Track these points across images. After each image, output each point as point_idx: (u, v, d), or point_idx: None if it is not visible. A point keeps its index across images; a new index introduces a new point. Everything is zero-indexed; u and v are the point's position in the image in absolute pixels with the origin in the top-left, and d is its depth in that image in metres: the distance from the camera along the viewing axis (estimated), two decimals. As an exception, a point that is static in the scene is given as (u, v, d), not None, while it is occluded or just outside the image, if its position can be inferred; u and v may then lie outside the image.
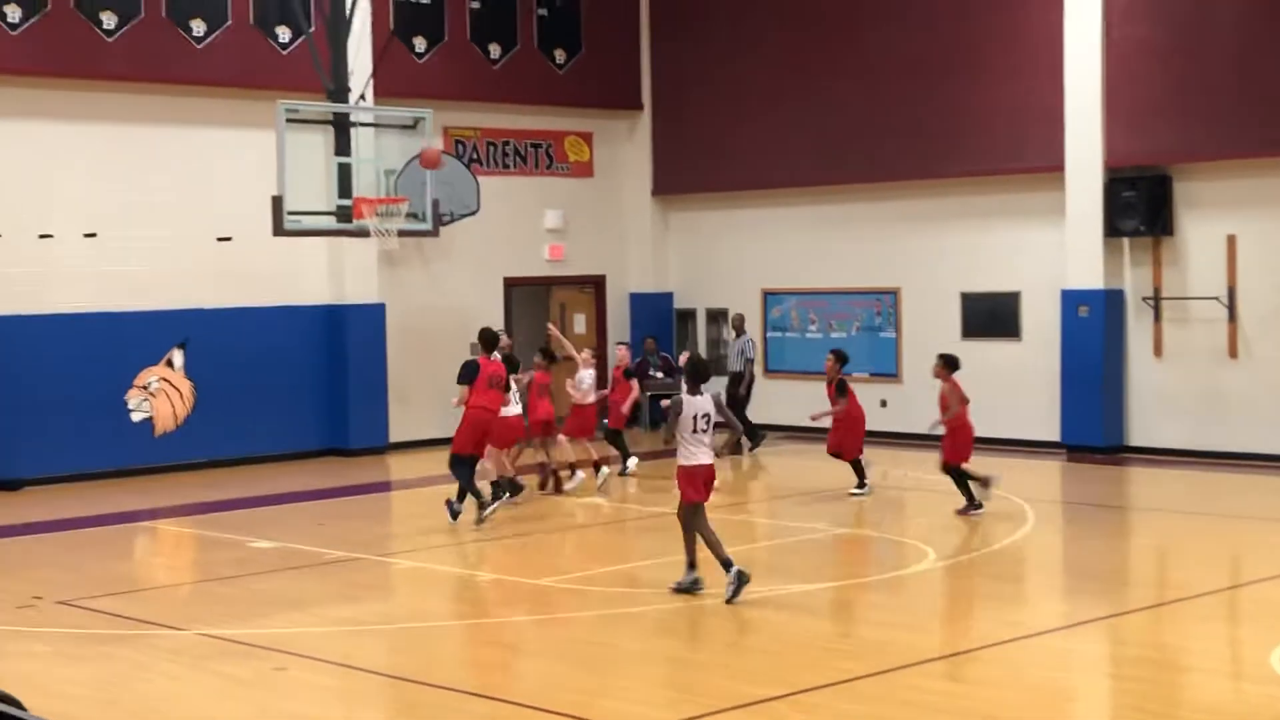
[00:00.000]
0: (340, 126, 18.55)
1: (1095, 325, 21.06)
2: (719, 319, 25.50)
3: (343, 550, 15.17)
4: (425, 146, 18.28)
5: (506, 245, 24.56)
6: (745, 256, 25.18)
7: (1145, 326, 21.06)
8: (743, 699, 9.82)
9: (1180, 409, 20.80)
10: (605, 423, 20.05)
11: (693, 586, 12.72)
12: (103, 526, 17.18)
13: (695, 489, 12.79)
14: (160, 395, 21.01)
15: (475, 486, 16.39)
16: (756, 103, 24.62)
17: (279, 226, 17.67)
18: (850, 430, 18.45)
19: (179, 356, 21.18)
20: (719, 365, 24.70)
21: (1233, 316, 20.33)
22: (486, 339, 16.83)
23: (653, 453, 21.55)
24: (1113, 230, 20.85)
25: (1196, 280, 20.66)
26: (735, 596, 12.38)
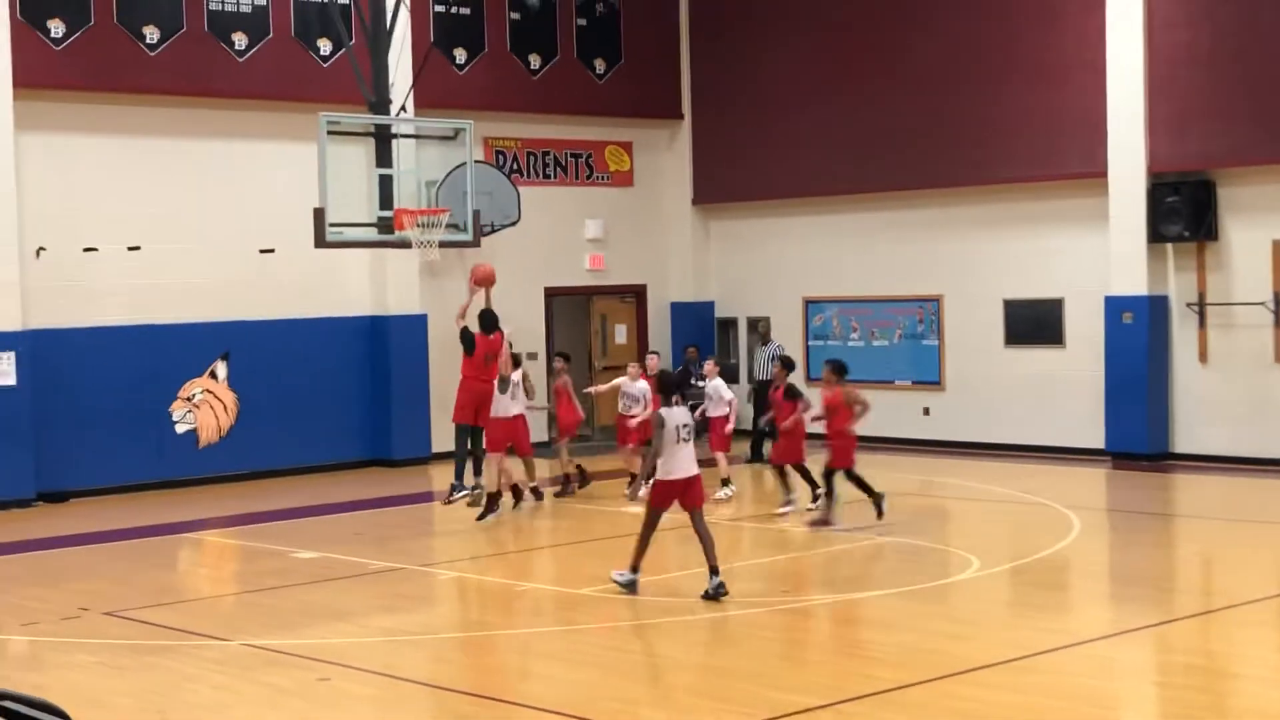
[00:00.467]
0: (381, 138, 18.59)
1: (1139, 332, 20.93)
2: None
3: (385, 560, 15.20)
4: (476, 265, 18.52)
5: (547, 255, 24.60)
6: (786, 264, 25.13)
7: (1190, 332, 20.91)
8: (785, 708, 9.78)
9: (1226, 415, 20.64)
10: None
11: (631, 586, 13.24)
12: (147, 538, 17.28)
13: (666, 498, 13.21)
14: (204, 407, 21.12)
15: (463, 464, 17.10)
16: (796, 110, 24.59)
17: (321, 238, 17.71)
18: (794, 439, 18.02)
19: (222, 368, 21.29)
20: (735, 373, 24.71)
21: (1278, 321, 20.16)
22: (486, 320, 17.39)
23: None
24: (1156, 236, 20.72)
25: (1241, 285, 20.50)
26: (619, 580, 13.20)
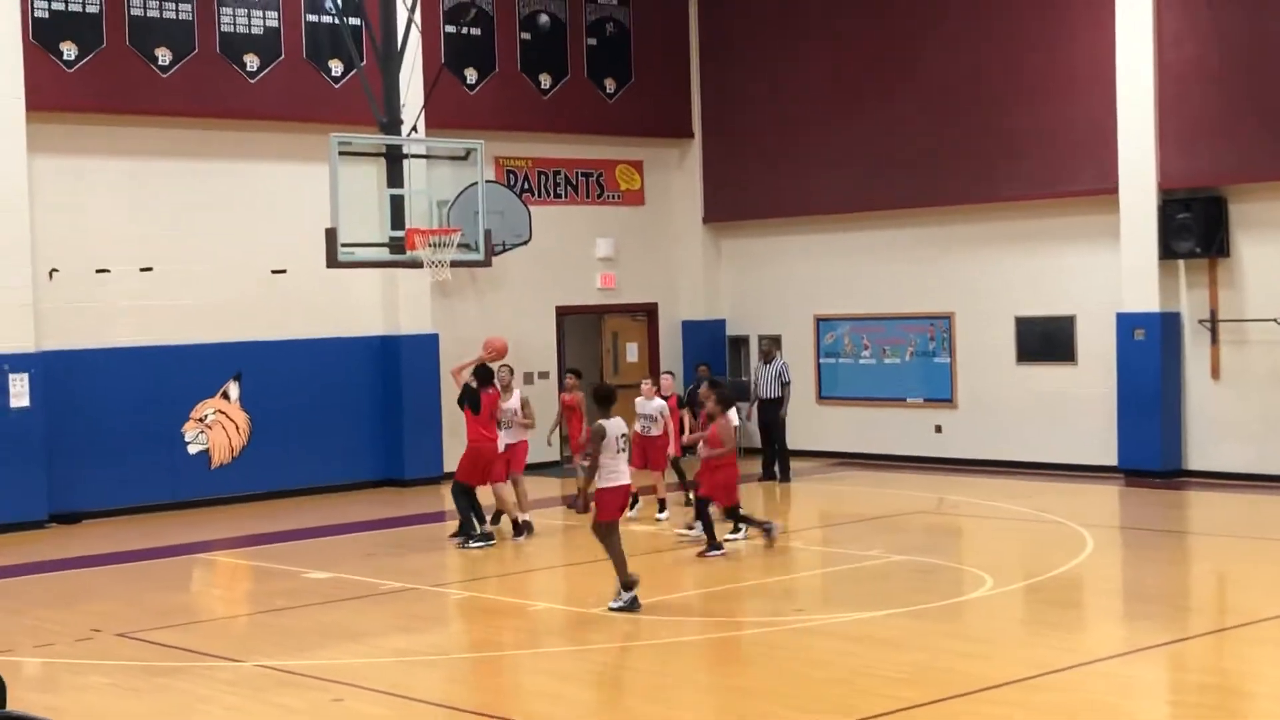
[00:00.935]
0: (393, 158, 18.62)
1: (1151, 348, 20.89)
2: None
3: (397, 581, 15.19)
4: (490, 340, 18.48)
5: (558, 274, 24.62)
6: (797, 282, 25.13)
7: (1202, 349, 20.88)
8: (800, 728, 9.76)
9: (1239, 432, 20.60)
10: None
11: (632, 604, 13.26)
12: (160, 559, 17.28)
13: (615, 508, 13.54)
14: (216, 427, 21.14)
15: (471, 516, 17.07)
16: (807, 128, 24.61)
17: (333, 258, 17.74)
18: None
19: (234, 388, 21.32)
20: (746, 392, 24.63)
21: (1291, 338, 20.15)
22: (485, 375, 17.33)
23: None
24: (1168, 252, 20.69)
25: (1254, 302, 20.47)
26: (616, 608, 13.17)
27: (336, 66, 22.02)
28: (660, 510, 18.56)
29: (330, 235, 17.61)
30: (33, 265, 19.53)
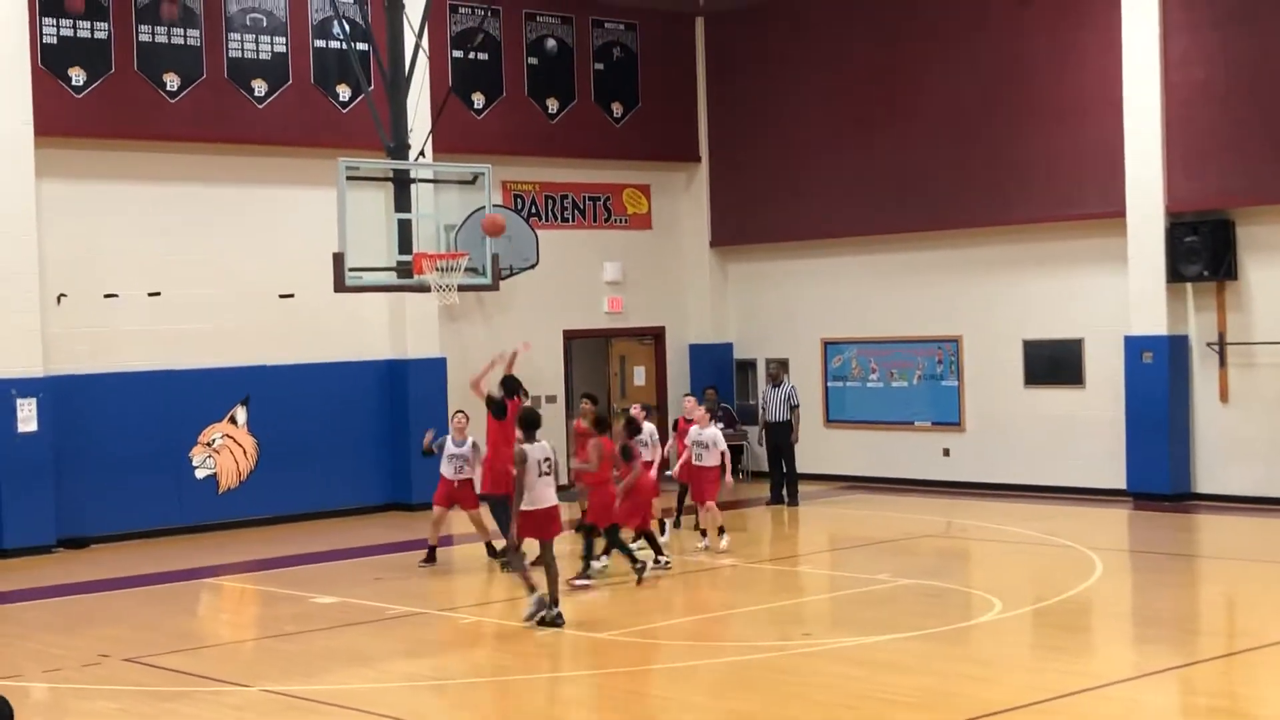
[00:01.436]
0: (400, 183, 18.65)
1: (1160, 371, 20.87)
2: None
3: (405, 605, 15.17)
4: (488, 213, 18.29)
5: (566, 298, 24.63)
6: (805, 306, 25.13)
7: (1210, 372, 20.85)
8: (809, 753, 9.73)
9: (1248, 455, 20.55)
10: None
11: (556, 620, 13.66)
12: (168, 583, 17.27)
13: (537, 530, 13.88)
14: (224, 452, 21.15)
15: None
16: (813, 152, 24.64)
17: (340, 283, 17.75)
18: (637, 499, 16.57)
19: (242, 413, 21.33)
20: (753, 415, 24.63)
21: (1300, 360, 20.13)
22: (512, 385, 17.55)
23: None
24: (1176, 275, 20.68)
25: (1262, 324, 20.45)
26: (530, 619, 13.64)
27: (344, 91, 22.08)
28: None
29: (338, 260, 17.63)
30: (41, 290, 19.57)
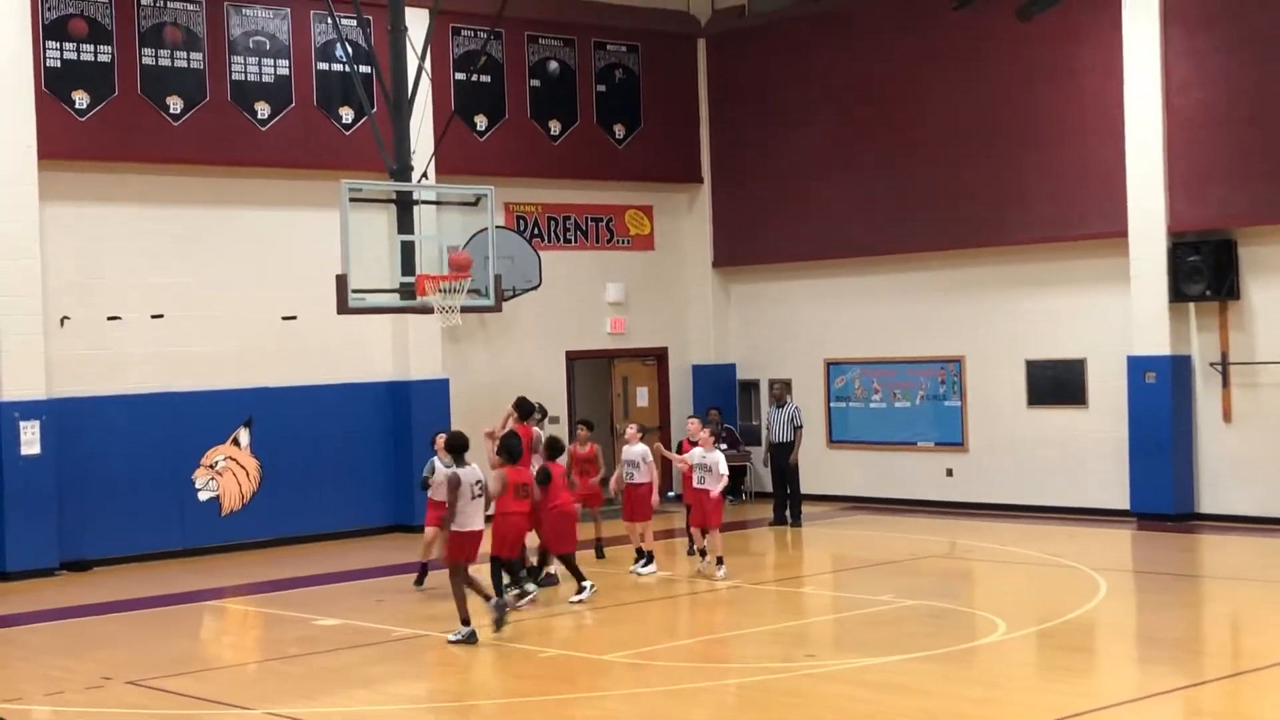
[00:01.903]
0: (403, 204, 18.70)
1: (1163, 391, 20.86)
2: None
3: (408, 627, 15.15)
4: (456, 253, 18.16)
5: (568, 319, 24.65)
6: (807, 326, 25.13)
7: (1214, 392, 20.84)
8: (813, 775, 9.70)
9: (1252, 475, 20.53)
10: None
11: (470, 638, 14.10)
12: (170, 606, 17.26)
13: (465, 553, 14.30)
14: (227, 474, 21.15)
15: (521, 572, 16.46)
16: (816, 173, 24.66)
17: (343, 304, 17.79)
18: (559, 524, 16.29)
19: (245, 435, 21.33)
20: (756, 436, 24.62)
21: (1303, 380, 20.12)
22: (524, 408, 17.31)
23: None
24: (1178, 295, 20.68)
25: (1264, 344, 20.44)
26: (454, 640, 14.07)
27: (347, 114, 22.12)
28: (646, 562, 17.90)
29: (341, 281, 17.67)
30: (44, 313, 19.59)
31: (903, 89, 23.66)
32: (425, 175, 19.95)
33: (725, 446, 24.82)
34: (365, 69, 21.34)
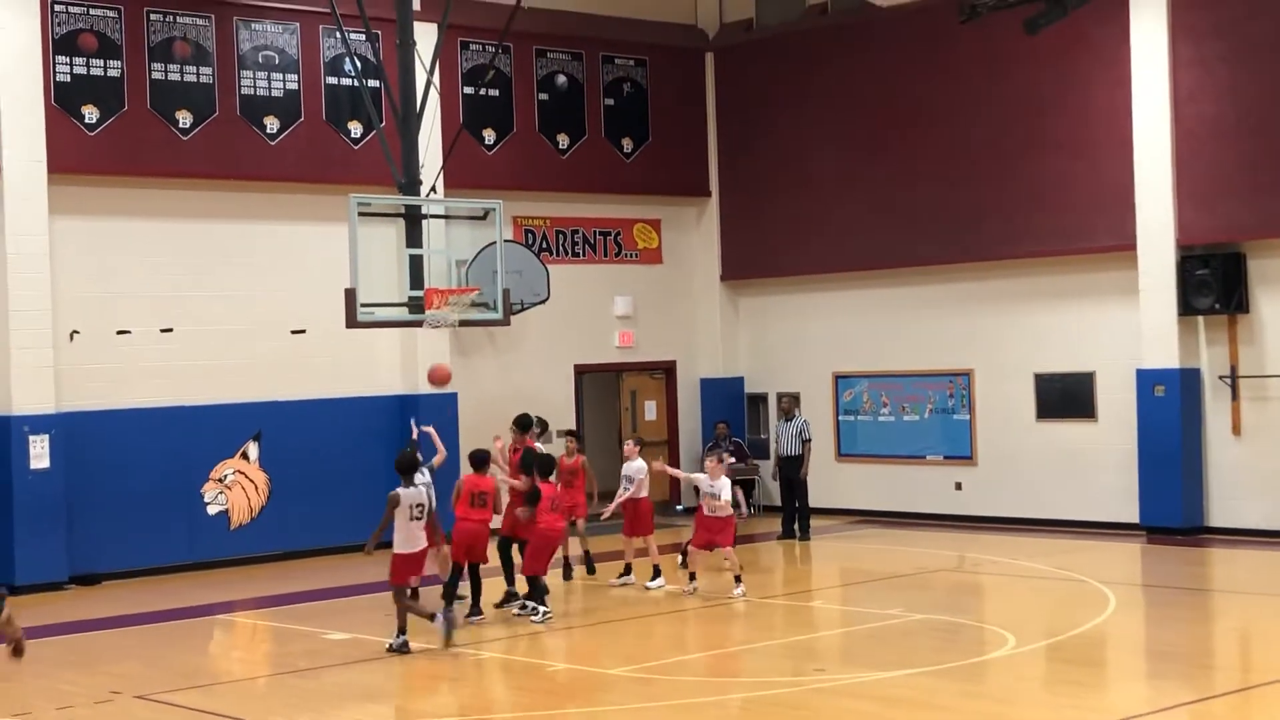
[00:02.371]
0: (412, 219, 18.73)
1: (1172, 405, 20.82)
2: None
3: (417, 641, 15.13)
4: (434, 366, 18.07)
5: (577, 333, 24.66)
6: (815, 339, 25.13)
7: (1223, 405, 20.81)
8: (822, 790, 9.69)
9: (1261, 488, 20.50)
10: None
11: (403, 647, 14.43)
12: (180, 620, 17.27)
13: (404, 574, 14.73)
14: (235, 488, 21.16)
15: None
16: (824, 186, 24.67)
17: (352, 318, 17.81)
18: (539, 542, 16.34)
19: (254, 449, 21.35)
20: (765, 450, 24.58)
21: (1312, 393, 20.09)
22: (527, 424, 17.44)
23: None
24: (1187, 308, 20.66)
25: (1274, 357, 20.41)
26: (449, 638, 14.57)
27: (356, 128, 22.16)
28: (653, 576, 17.86)
29: (350, 295, 17.69)
30: (53, 326, 19.62)
31: (910, 101, 23.67)
32: (434, 189, 19.97)
33: (733, 460, 24.92)
34: (374, 83, 21.37)
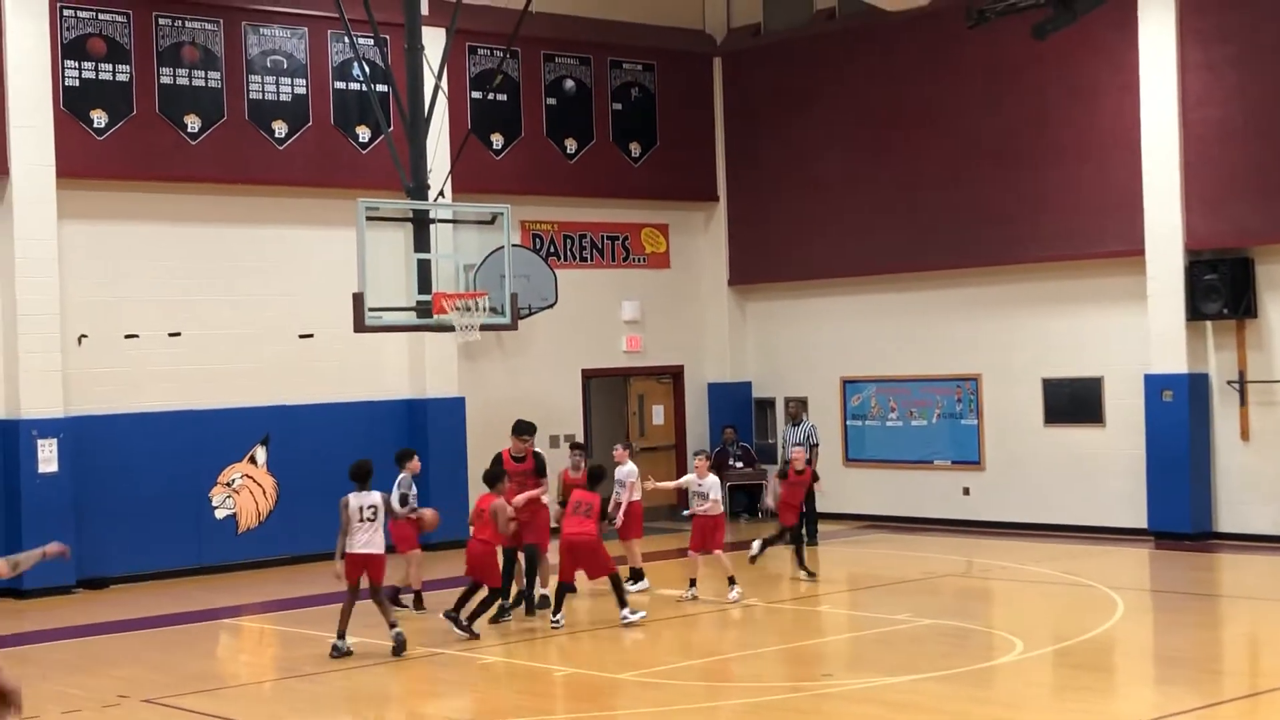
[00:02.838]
0: (419, 223, 18.75)
1: (1180, 410, 20.79)
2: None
3: (424, 645, 15.14)
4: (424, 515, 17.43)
5: (584, 337, 24.66)
6: (823, 344, 25.12)
7: (1231, 410, 20.78)
8: (829, 795, 9.68)
9: (1270, 493, 20.46)
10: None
11: (345, 652, 14.54)
12: (187, 624, 17.27)
13: (355, 572, 14.71)
14: (243, 491, 21.18)
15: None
16: (832, 191, 24.66)
17: (360, 323, 17.83)
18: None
19: (262, 453, 21.36)
20: (773, 454, 24.53)
21: (1321, 399, 20.06)
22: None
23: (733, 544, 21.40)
24: (1195, 313, 20.63)
25: (1282, 362, 20.42)
26: (335, 655, 14.48)
27: (364, 133, 22.18)
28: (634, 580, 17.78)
29: (358, 300, 17.72)
30: (62, 331, 19.65)
31: (918, 106, 23.66)
32: (442, 194, 20.00)
33: (741, 465, 24.93)
34: (382, 88, 21.40)
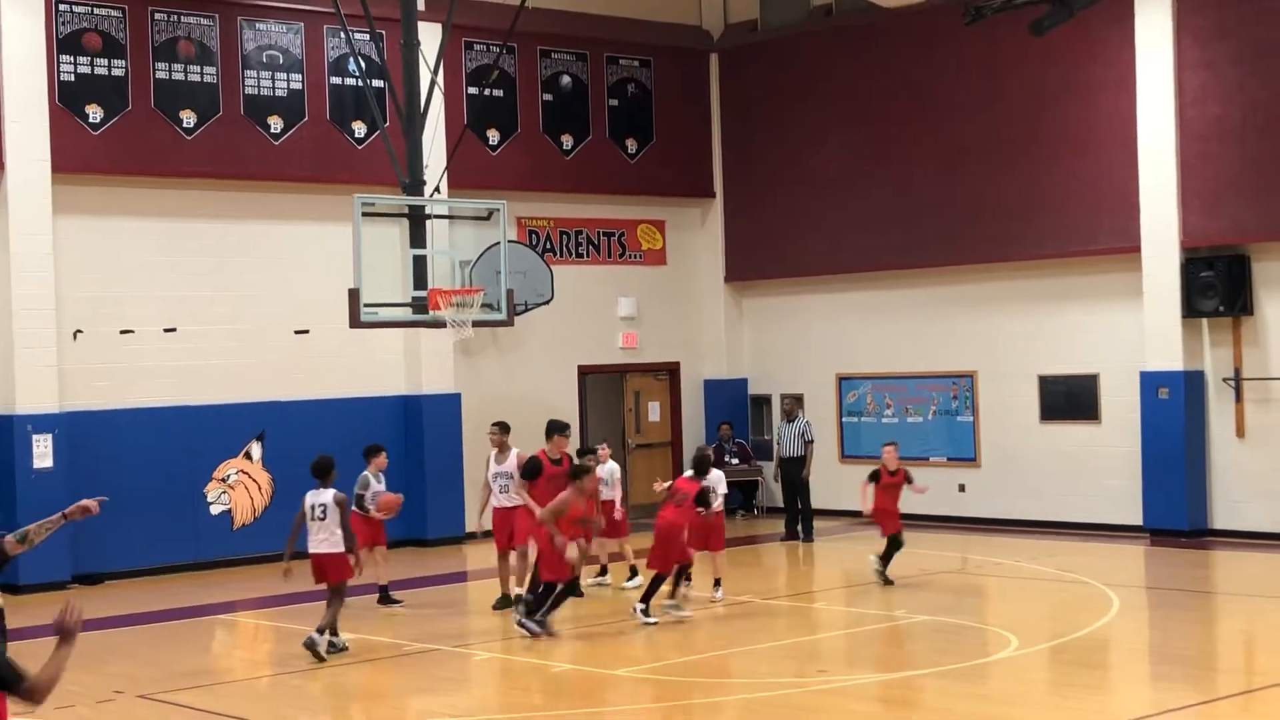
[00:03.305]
0: (415, 219, 18.73)
1: (1176, 407, 20.81)
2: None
3: (420, 641, 15.14)
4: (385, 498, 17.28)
5: (580, 333, 24.65)
6: (819, 341, 25.12)
7: (1227, 407, 20.79)
8: (824, 791, 9.67)
9: (1265, 490, 20.47)
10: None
11: (328, 649, 14.48)
12: (182, 619, 17.27)
13: (315, 575, 15.06)
14: (239, 487, 21.16)
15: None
16: (828, 188, 24.66)
17: (356, 319, 17.81)
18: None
19: (257, 449, 21.35)
20: (768, 451, 24.54)
21: (1317, 396, 20.06)
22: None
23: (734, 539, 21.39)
24: (1191, 311, 20.64)
25: (1278, 359, 20.39)
26: (331, 651, 14.44)
27: (360, 128, 22.17)
28: (630, 577, 17.83)
29: (353, 295, 17.70)
30: (57, 326, 19.63)
31: (916, 103, 23.66)
32: (438, 189, 19.98)
33: (737, 461, 24.92)
34: (378, 83, 21.37)
